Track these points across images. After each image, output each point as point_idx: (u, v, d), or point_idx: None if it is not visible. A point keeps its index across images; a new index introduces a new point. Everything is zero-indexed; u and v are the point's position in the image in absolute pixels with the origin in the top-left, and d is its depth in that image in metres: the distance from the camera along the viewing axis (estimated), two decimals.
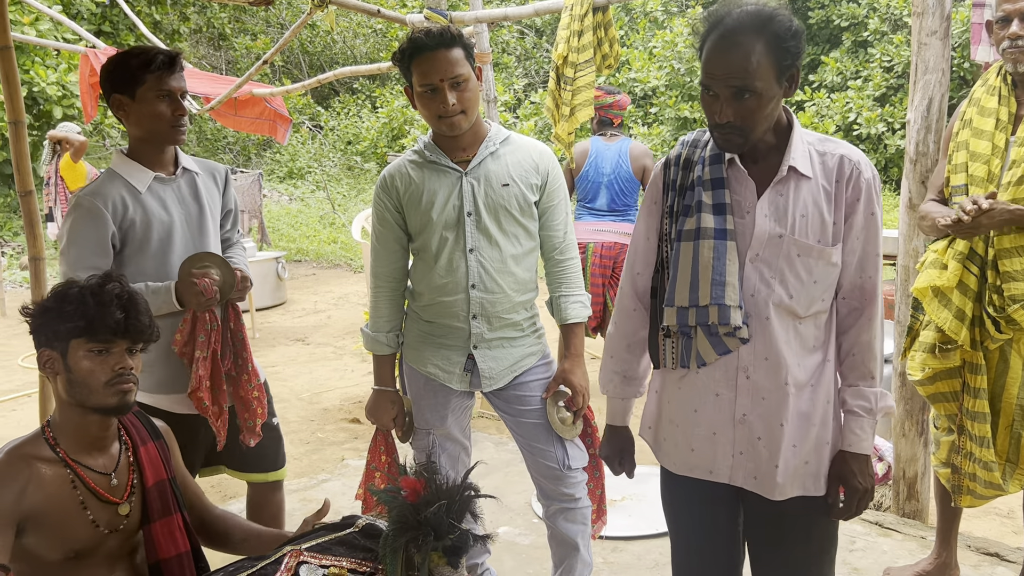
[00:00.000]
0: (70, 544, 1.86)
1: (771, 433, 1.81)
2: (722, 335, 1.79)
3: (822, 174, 1.77)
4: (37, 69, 11.64)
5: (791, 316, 1.78)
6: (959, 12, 11.25)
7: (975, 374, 2.62)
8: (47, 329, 1.86)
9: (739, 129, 1.71)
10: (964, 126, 2.69)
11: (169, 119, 2.43)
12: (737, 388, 1.82)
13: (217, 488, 4.11)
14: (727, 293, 1.76)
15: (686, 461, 1.92)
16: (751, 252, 1.78)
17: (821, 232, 1.76)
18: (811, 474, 1.83)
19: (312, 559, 1.80)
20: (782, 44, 1.67)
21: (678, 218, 1.85)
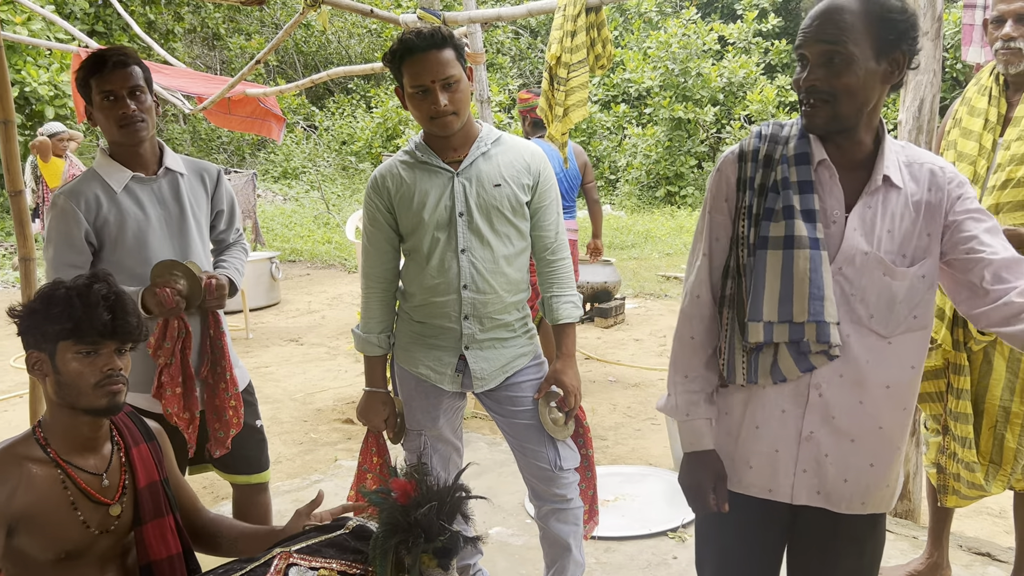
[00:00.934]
0: (61, 545, 1.85)
1: (839, 450, 1.73)
2: (813, 352, 1.68)
3: (912, 186, 1.67)
4: (29, 69, 11.60)
5: (874, 335, 1.68)
6: (951, 13, 11.29)
7: (958, 375, 2.64)
8: (35, 331, 1.85)
9: (827, 95, 1.60)
10: (955, 125, 2.70)
11: (116, 119, 2.41)
12: (807, 405, 1.72)
13: (209, 489, 4.10)
14: (826, 308, 1.64)
15: (742, 478, 1.82)
16: (834, 265, 1.67)
17: (904, 247, 1.66)
18: (886, 496, 1.78)
19: (302, 561, 1.80)
20: (887, 14, 1.57)
21: (760, 222, 1.71)
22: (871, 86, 1.61)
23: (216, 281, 2.53)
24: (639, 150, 14.44)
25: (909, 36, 1.60)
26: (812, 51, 1.60)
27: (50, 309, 1.82)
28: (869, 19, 1.57)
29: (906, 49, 1.61)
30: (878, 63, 1.60)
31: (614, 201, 14.59)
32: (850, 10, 1.58)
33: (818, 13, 1.61)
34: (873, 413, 1.71)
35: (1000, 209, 2.52)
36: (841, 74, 1.59)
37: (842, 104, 1.61)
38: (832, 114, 1.62)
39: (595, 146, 15.19)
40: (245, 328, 7.46)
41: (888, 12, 1.58)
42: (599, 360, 6.34)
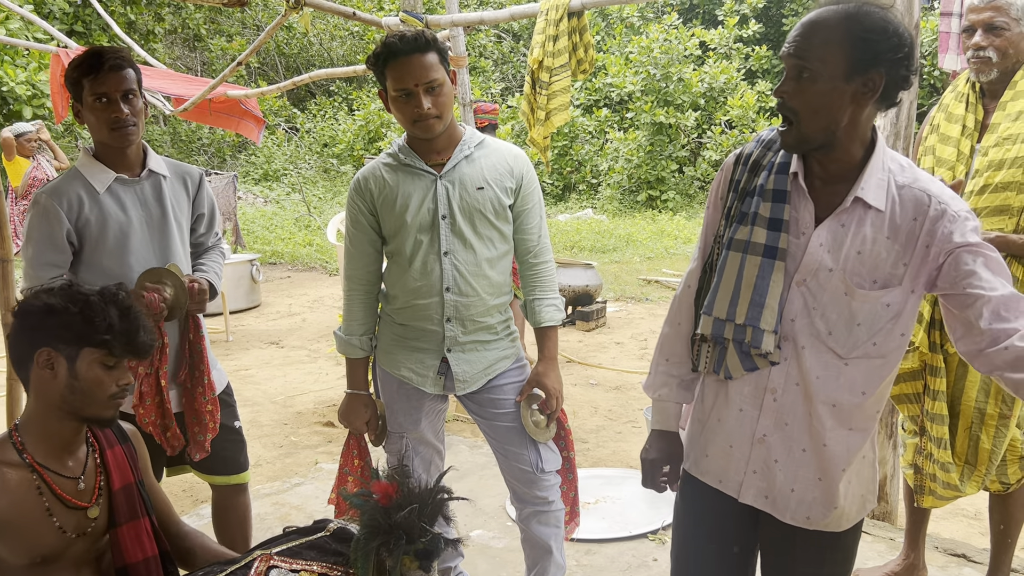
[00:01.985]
0: (36, 550, 1.83)
1: (790, 457, 1.75)
2: (753, 355, 1.72)
3: (898, 210, 1.62)
4: (6, 68, 11.49)
5: (831, 353, 1.68)
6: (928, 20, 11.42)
7: (935, 376, 2.67)
8: (57, 330, 1.81)
9: (790, 111, 1.60)
10: (932, 131, 2.74)
11: (107, 122, 2.40)
12: (762, 408, 1.75)
13: (188, 492, 4.07)
14: (764, 316, 1.67)
15: (700, 464, 1.88)
16: (799, 276, 1.68)
17: (875, 272, 1.63)
18: (839, 518, 1.77)
19: (283, 563, 1.79)
20: (863, 34, 1.54)
21: (732, 223, 1.76)
22: (838, 105, 1.58)
23: (198, 285, 2.53)
24: (620, 154, 14.50)
25: (887, 57, 1.56)
26: (787, 64, 1.62)
27: (88, 314, 1.80)
28: (846, 37, 1.55)
29: (885, 70, 1.56)
30: (848, 82, 1.57)
31: (596, 205, 14.63)
32: (828, 27, 1.57)
33: (800, 26, 1.62)
34: (819, 429, 1.71)
35: (979, 214, 2.56)
36: (805, 90, 1.59)
37: (806, 123, 1.60)
38: (798, 135, 1.62)
39: (577, 150, 15.24)
40: (225, 331, 7.41)
41: (866, 32, 1.55)
42: (580, 363, 6.35)
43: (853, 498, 1.78)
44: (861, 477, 1.79)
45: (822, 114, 1.59)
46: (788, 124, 1.63)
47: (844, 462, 1.74)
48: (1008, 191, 2.52)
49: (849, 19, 1.56)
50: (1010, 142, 2.53)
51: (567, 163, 15.26)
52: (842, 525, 1.78)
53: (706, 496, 1.88)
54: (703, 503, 1.90)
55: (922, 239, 1.61)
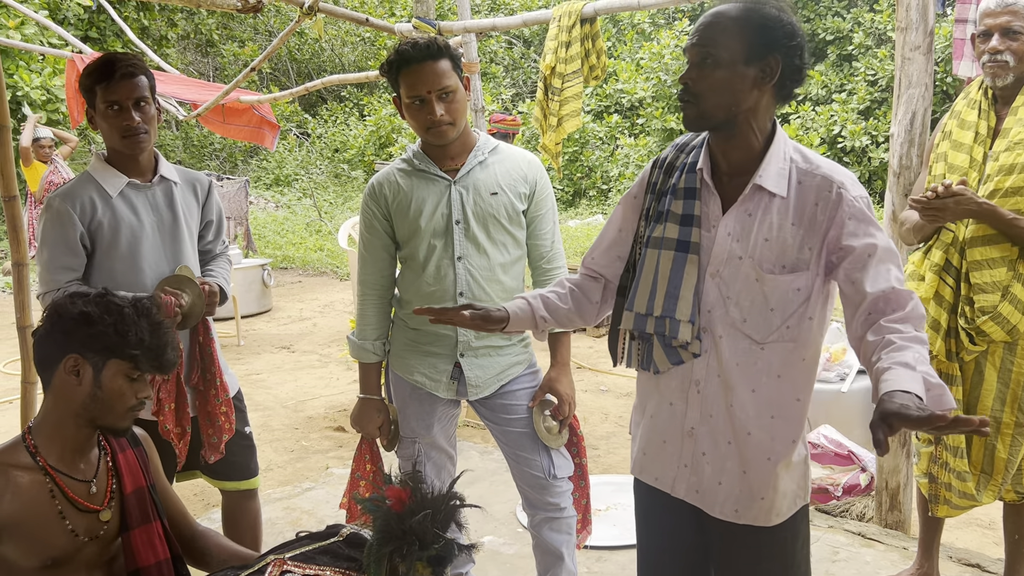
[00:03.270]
0: (48, 552, 1.84)
1: (716, 450, 1.78)
2: (676, 347, 1.77)
3: (797, 195, 1.70)
4: (21, 73, 11.57)
5: (746, 339, 1.73)
6: (942, 27, 11.39)
7: (950, 385, 2.66)
8: (89, 338, 1.82)
9: (693, 96, 1.69)
10: (944, 138, 2.73)
11: (119, 129, 2.42)
12: (688, 401, 1.80)
13: (200, 496, 4.08)
14: (679, 307, 1.74)
15: (639, 463, 1.94)
16: (711, 268, 1.74)
17: (784, 257, 1.69)
18: (766, 510, 1.78)
19: (296, 568, 1.79)
20: (760, 22, 1.65)
21: (650, 223, 1.84)
22: (739, 88, 1.67)
23: (209, 287, 2.54)
24: (631, 160, 14.47)
25: (782, 44, 1.66)
26: (691, 53, 1.70)
27: (121, 327, 1.82)
28: (746, 25, 1.66)
29: (780, 56, 1.66)
30: (747, 66, 1.66)
31: (606, 211, 14.62)
32: (728, 16, 1.67)
33: (702, 18, 1.71)
34: (742, 417, 1.75)
35: None
36: (708, 75, 1.67)
37: (706, 100, 1.68)
38: (698, 112, 1.70)
39: (587, 156, 15.23)
40: (236, 335, 7.44)
41: (763, 20, 1.66)
42: (591, 369, 6.34)
43: (784, 493, 1.79)
44: (792, 473, 1.79)
45: (724, 94, 1.67)
46: (688, 105, 1.71)
47: (769, 451, 1.76)
48: (1019, 196, 2.51)
49: (748, 10, 1.67)
50: (1021, 147, 2.51)
51: (577, 169, 15.25)
52: (771, 519, 1.79)
53: (651, 495, 1.93)
54: (649, 501, 1.95)
55: (823, 224, 1.68)
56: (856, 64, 13.70)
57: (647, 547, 2.02)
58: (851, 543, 3.33)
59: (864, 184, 12.99)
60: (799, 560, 1.87)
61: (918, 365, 1.49)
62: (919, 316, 1.59)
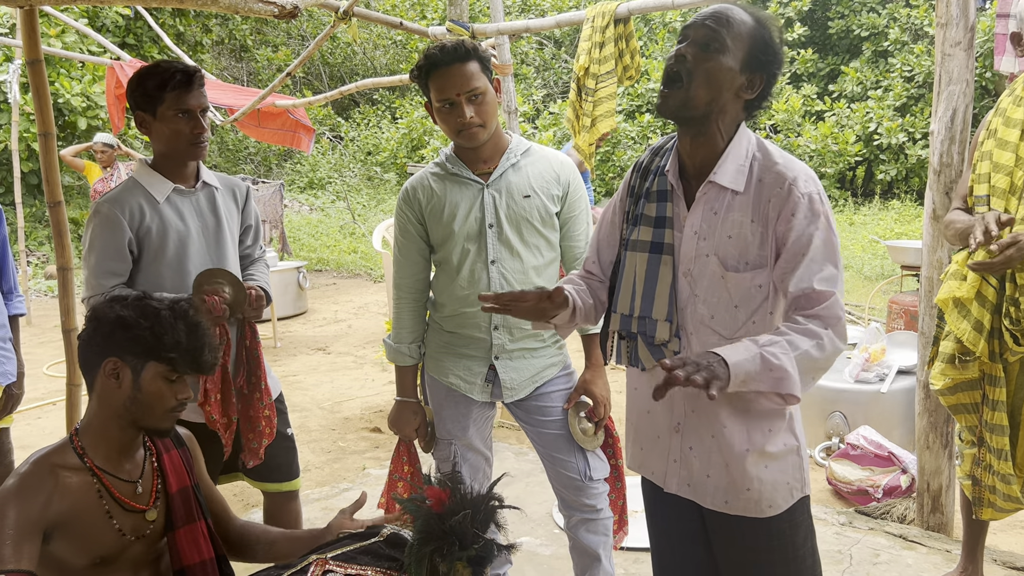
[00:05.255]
0: (96, 550, 1.88)
1: (701, 444, 1.82)
2: (656, 345, 1.82)
3: (756, 191, 1.73)
4: (62, 81, 11.80)
5: (716, 335, 1.76)
6: (982, 22, 11.19)
7: (994, 386, 2.61)
8: (126, 341, 1.86)
9: (686, 72, 1.69)
10: (989, 136, 2.68)
11: (188, 137, 2.46)
12: (673, 397, 1.84)
13: (239, 496, 4.13)
14: (655, 307, 1.80)
15: (637, 458, 1.98)
16: (683, 267, 1.79)
17: (746, 254, 1.72)
18: (756, 500, 1.79)
19: (338, 568, 1.81)
20: (766, 41, 1.71)
21: (629, 226, 1.90)
22: (727, 86, 1.70)
23: (255, 291, 2.57)
24: None
25: (773, 69, 1.72)
26: (695, 32, 1.71)
27: (157, 330, 1.85)
28: (754, 35, 1.70)
29: (766, 76, 1.72)
30: (740, 72, 1.70)
31: None
32: (742, 21, 1.71)
33: (716, 8, 1.72)
34: (717, 411, 1.77)
35: None
36: (708, 59, 1.68)
37: (696, 85, 1.68)
38: (684, 97, 1.70)
39: (619, 156, 15.18)
40: (273, 337, 7.52)
41: (768, 39, 1.71)
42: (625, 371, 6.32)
43: (772, 484, 1.79)
44: (779, 464, 1.79)
45: (712, 86, 1.69)
46: (675, 85, 1.70)
47: (746, 442, 1.77)
48: None
49: (760, 23, 1.72)
50: None
51: (610, 169, 15.20)
52: (763, 510, 1.79)
53: (654, 489, 1.96)
54: (654, 495, 1.98)
55: (773, 219, 1.70)
56: (892, 60, 13.51)
57: (657, 540, 2.05)
58: (892, 545, 3.29)
59: (901, 181, 12.86)
60: (803, 553, 1.86)
61: (768, 346, 1.59)
62: (831, 316, 1.65)
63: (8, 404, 3.23)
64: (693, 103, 1.70)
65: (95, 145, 8.43)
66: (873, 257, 9.78)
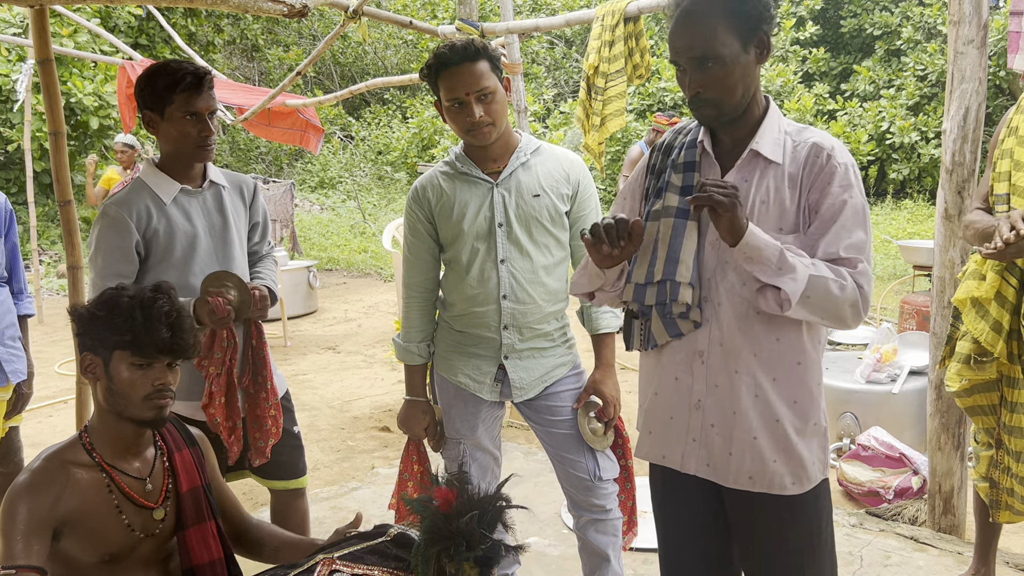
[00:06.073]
0: (105, 547, 1.89)
1: (724, 420, 1.79)
2: (675, 316, 1.78)
3: (791, 162, 1.75)
4: (74, 80, 11.85)
5: (745, 303, 1.75)
6: (995, 20, 11.11)
7: (1012, 388, 2.58)
8: (93, 335, 1.88)
9: (709, 100, 1.71)
10: (1010, 134, 2.64)
11: (195, 139, 2.46)
12: (693, 373, 1.81)
13: (248, 495, 4.14)
14: (679, 270, 1.76)
15: (644, 444, 1.94)
16: (711, 235, 1.77)
17: (780, 220, 1.73)
18: (781, 474, 1.78)
19: (344, 567, 1.81)
20: (740, 8, 1.67)
21: (650, 198, 1.88)
22: (748, 75, 1.72)
23: (259, 292, 2.57)
24: None
25: (766, 17, 1.69)
26: (684, 60, 1.70)
27: (112, 317, 1.85)
28: (727, 17, 1.67)
29: (767, 28, 1.70)
30: (747, 51, 1.69)
31: None
32: (707, 14, 1.67)
33: (679, 24, 1.70)
34: (748, 382, 1.76)
35: None
36: (719, 78, 1.68)
37: (725, 101, 1.71)
38: (717, 111, 1.73)
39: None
40: (283, 336, 7.53)
41: (741, 5, 1.67)
42: (635, 371, 6.30)
43: (798, 459, 1.78)
44: (806, 440, 1.79)
45: (738, 89, 1.71)
46: (706, 107, 1.73)
47: (776, 414, 1.77)
48: None
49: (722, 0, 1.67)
50: None
51: (620, 168, 15.18)
52: (787, 486, 1.79)
53: (665, 478, 1.93)
54: (665, 485, 1.94)
55: (808, 187, 1.73)
56: (905, 59, 13.43)
57: (667, 533, 2.00)
58: (903, 547, 3.27)
59: (913, 181, 12.78)
60: (823, 538, 1.85)
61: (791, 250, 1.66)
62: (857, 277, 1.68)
63: (18, 403, 3.25)
64: (728, 110, 1.73)
65: (115, 146, 8.42)
66: (885, 257, 9.73)
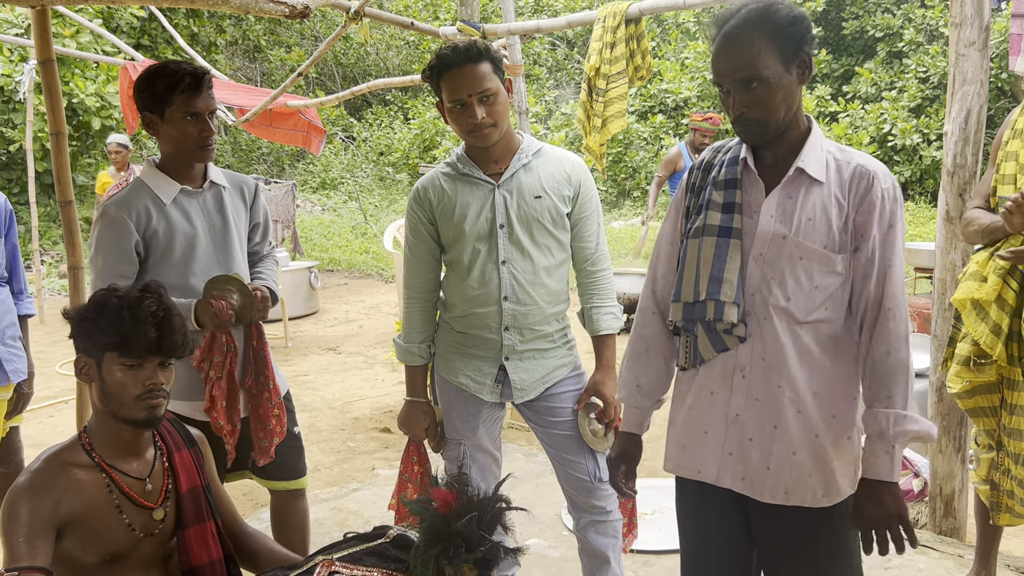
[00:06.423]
0: (106, 547, 1.89)
1: (763, 435, 1.80)
2: (720, 332, 1.79)
3: (836, 182, 1.76)
4: (77, 81, 11.86)
5: (790, 319, 1.76)
6: (997, 22, 11.11)
7: (1013, 390, 2.58)
8: (85, 337, 1.89)
9: (754, 120, 1.72)
10: (1014, 135, 2.63)
11: (196, 139, 2.46)
12: (732, 387, 1.81)
13: (248, 496, 4.14)
14: (723, 289, 1.77)
15: (676, 459, 1.94)
16: (755, 251, 1.78)
17: (827, 238, 1.74)
18: (813, 488, 1.79)
19: (344, 569, 1.81)
20: (782, 31, 1.68)
21: (691, 217, 1.89)
22: (791, 95, 1.73)
23: (260, 293, 2.57)
24: None
25: (807, 39, 1.71)
26: (728, 82, 1.72)
27: (100, 318, 1.85)
28: (769, 39, 1.68)
29: (808, 50, 1.72)
30: (790, 72, 1.71)
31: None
32: (750, 37, 1.69)
33: (722, 47, 1.72)
34: (791, 397, 1.77)
35: None
36: (763, 98, 1.70)
37: (770, 120, 1.73)
38: (763, 130, 1.74)
39: (631, 157, 15.16)
40: (284, 337, 7.54)
41: (783, 28, 1.69)
42: None
43: (833, 472, 1.79)
44: (842, 454, 1.80)
45: (781, 108, 1.72)
46: (752, 127, 1.74)
47: (816, 428, 1.78)
48: None
49: (764, 22, 1.69)
50: None
51: (621, 170, 15.18)
52: (820, 500, 1.79)
53: (695, 491, 1.93)
54: (692, 498, 1.95)
55: (854, 210, 1.75)
56: (907, 61, 13.43)
57: (692, 546, 2.01)
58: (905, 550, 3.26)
59: (915, 183, 12.77)
60: (852, 547, 1.86)
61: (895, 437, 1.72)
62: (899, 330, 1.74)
63: (19, 403, 3.25)
64: (772, 129, 1.74)
65: (109, 146, 8.42)
66: None
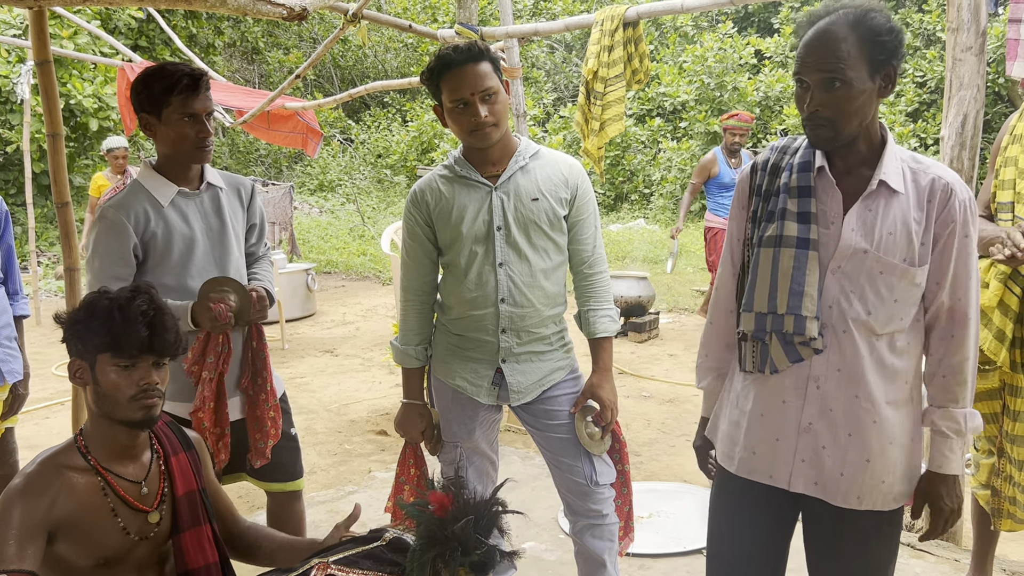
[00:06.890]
0: (101, 551, 1.88)
1: (837, 443, 1.81)
2: (796, 344, 1.80)
3: (914, 192, 1.76)
4: (74, 82, 11.85)
5: (868, 332, 1.77)
6: (994, 27, 11.14)
7: (1015, 397, 2.58)
8: (77, 340, 1.88)
9: (828, 120, 1.71)
10: (1014, 141, 2.63)
11: (193, 141, 2.46)
12: (806, 397, 1.82)
13: (244, 498, 4.13)
14: (804, 303, 1.77)
15: (747, 463, 1.93)
16: (833, 263, 1.78)
17: (907, 251, 1.74)
18: (887, 494, 1.83)
19: (339, 572, 1.80)
20: (876, 37, 1.68)
21: (761, 223, 1.87)
22: (869, 103, 1.72)
23: (257, 294, 2.57)
24: (674, 164, 14.39)
25: (899, 53, 1.71)
26: (812, 78, 1.71)
27: (91, 321, 1.85)
28: (862, 43, 1.67)
29: (896, 64, 1.72)
30: (873, 81, 1.70)
31: (648, 215, 14.54)
32: (843, 36, 1.68)
33: (813, 41, 1.70)
34: (868, 407, 1.79)
35: None
36: (842, 99, 1.69)
37: (843, 126, 1.72)
38: (834, 134, 1.73)
39: (629, 160, 15.17)
40: (281, 339, 7.53)
41: (878, 35, 1.68)
42: (633, 375, 6.30)
43: (901, 477, 1.84)
44: (911, 457, 1.85)
45: (857, 115, 1.71)
46: (820, 127, 1.73)
47: (891, 436, 1.81)
48: None
49: (859, 25, 1.68)
50: None
51: (619, 173, 15.19)
52: (890, 503, 1.84)
53: (748, 492, 1.94)
54: (743, 497, 1.96)
55: (933, 221, 1.75)
56: (904, 65, 13.44)
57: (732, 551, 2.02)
58: (900, 553, 3.25)
59: None
60: (896, 543, 1.92)
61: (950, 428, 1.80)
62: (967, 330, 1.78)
63: (14, 404, 3.24)
64: (844, 135, 1.73)
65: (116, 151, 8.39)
66: None
